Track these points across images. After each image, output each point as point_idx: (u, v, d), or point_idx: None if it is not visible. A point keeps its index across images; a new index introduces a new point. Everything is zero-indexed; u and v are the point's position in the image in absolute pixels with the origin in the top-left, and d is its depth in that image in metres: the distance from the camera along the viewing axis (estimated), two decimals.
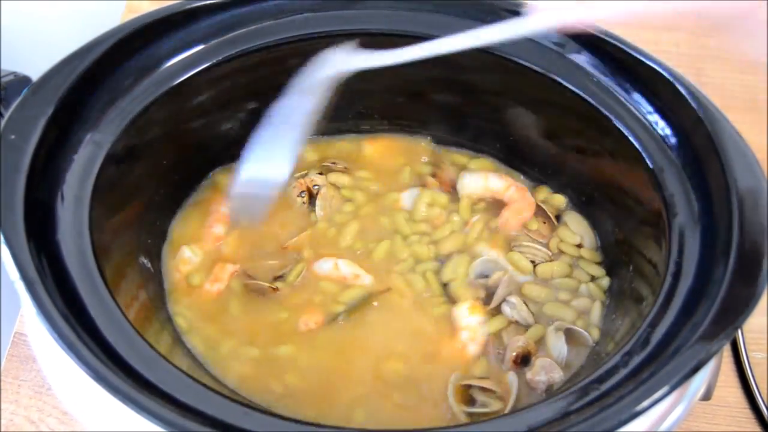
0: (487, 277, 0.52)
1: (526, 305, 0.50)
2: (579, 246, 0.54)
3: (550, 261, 0.53)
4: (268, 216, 0.55)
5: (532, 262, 0.53)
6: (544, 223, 0.55)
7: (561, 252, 0.54)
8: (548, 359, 0.48)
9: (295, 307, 0.51)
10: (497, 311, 0.51)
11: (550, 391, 0.46)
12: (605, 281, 0.52)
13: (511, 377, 0.47)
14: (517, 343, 0.48)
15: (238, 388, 0.47)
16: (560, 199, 0.56)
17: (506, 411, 0.45)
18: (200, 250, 0.53)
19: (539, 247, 0.54)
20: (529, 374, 0.47)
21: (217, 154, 0.56)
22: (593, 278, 0.53)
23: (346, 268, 0.52)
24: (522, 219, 0.55)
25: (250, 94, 0.53)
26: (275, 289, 0.51)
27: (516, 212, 0.55)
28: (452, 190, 0.57)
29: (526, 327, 0.50)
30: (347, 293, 0.51)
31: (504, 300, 0.51)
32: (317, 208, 0.55)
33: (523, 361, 0.48)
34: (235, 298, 0.51)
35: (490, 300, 0.51)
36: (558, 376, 0.47)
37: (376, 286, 0.52)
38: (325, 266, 0.53)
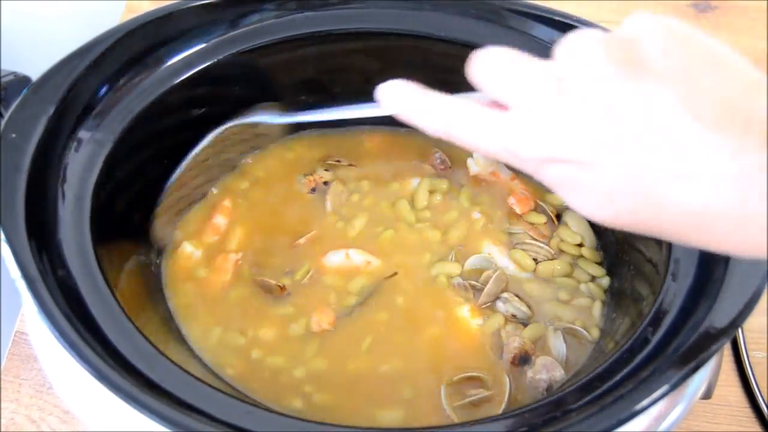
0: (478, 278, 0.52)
1: (519, 297, 0.50)
2: (579, 245, 0.54)
3: (552, 259, 0.53)
4: (278, 212, 0.55)
5: (534, 260, 0.53)
6: (545, 223, 0.55)
7: (561, 251, 0.54)
8: (549, 358, 0.48)
9: (303, 307, 0.50)
10: (492, 310, 0.51)
11: (551, 390, 0.46)
12: (605, 281, 0.52)
13: (505, 377, 0.47)
14: (513, 344, 0.48)
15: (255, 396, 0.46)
16: (559, 198, 0.57)
17: (500, 411, 0.45)
18: (201, 245, 0.53)
19: (541, 245, 0.54)
20: (530, 373, 0.47)
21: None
22: (593, 278, 0.53)
23: (357, 256, 0.52)
24: (523, 210, 0.56)
25: (251, 93, 0.53)
26: (282, 288, 0.50)
27: (519, 202, 0.56)
28: (449, 171, 0.58)
29: (525, 323, 0.50)
30: (356, 281, 0.51)
31: (497, 297, 0.51)
32: (327, 204, 0.55)
33: (522, 360, 0.48)
34: (241, 294, 0.51)
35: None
36: (559, 374, 0.47)
37: (384, 271, 0.52)
38: (336, 258, 0.52)
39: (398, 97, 0.36)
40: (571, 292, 0.52)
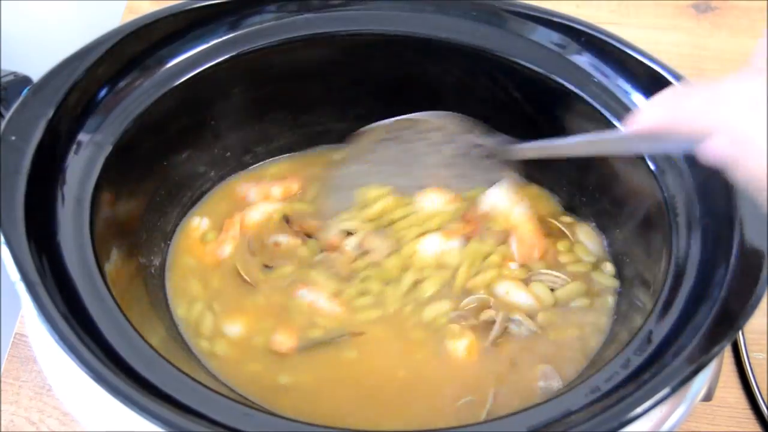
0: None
1: (530, 318, 0.50)
2: (593, 261, 0.54)
3: (569, 283, 0.52)
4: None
5: (551, 288, 0.52)
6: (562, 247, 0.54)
7: (577, 271, 0.53)
8: (550, 367, 0.47)
9: (272, 308, 0.50)
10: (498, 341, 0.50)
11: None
12: (615, 288, 0.52)
13: (490, 388, 0.47)
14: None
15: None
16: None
17: (483, 416, 0.45)
18: (210, 219, 0.55)
19: (557, 273, 0.52)
20: (528, 378, 0.47)
21: (219, 155, 0.56)
22: (606, 289, 0.52)
23: (324, 303, 0.51)
24: (531, 254, 0.54)
25: (251, 95, 0.53)
26: (248, 283, 0.51)
27: (526, 246, 0.54)
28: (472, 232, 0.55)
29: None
30: (322, 320, 0.50)
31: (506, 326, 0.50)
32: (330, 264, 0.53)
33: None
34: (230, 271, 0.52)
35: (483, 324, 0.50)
36: (557, 385, 0.46)
37: (351, 327, 0.50)
38: (307, 297, 0.51)
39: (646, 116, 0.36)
40: (584, 310, 0.51)
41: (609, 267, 0.53)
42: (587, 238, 0.55)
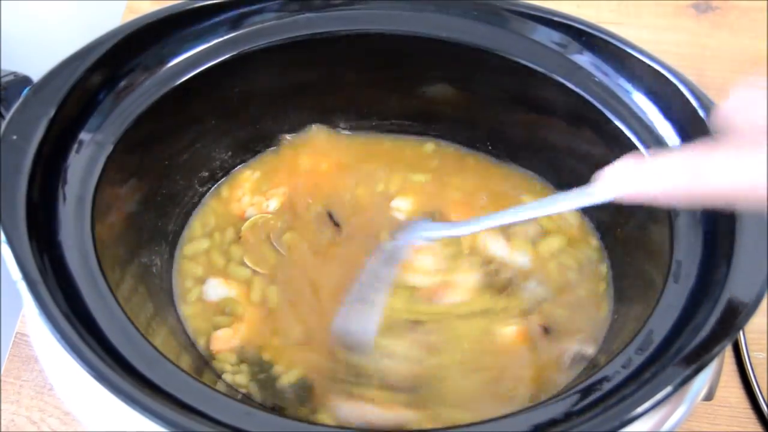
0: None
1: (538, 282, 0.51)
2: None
3: (545, 236, 0.53)
4: None
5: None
6: None
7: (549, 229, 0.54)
8: (586, 335, 0.48)
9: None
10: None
11: (576, 361, 0.46)
12: (606, 262, 0.53)
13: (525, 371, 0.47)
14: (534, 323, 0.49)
15: None
16: None
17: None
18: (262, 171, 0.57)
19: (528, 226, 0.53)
20: (563, 344, 0.47)
21: (220, 154, 0.56)
22: (592, 260, 0.53)
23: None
24: None
25: (252, 95, 0.53)
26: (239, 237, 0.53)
27: None
28: None
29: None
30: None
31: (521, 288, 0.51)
32: None
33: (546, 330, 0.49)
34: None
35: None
36: (590, 350, 0.46)
37: None
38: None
39: (621, 177, 0.34)
40: (577, 270, 0.52)
41: (594, 242, 0.54)
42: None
